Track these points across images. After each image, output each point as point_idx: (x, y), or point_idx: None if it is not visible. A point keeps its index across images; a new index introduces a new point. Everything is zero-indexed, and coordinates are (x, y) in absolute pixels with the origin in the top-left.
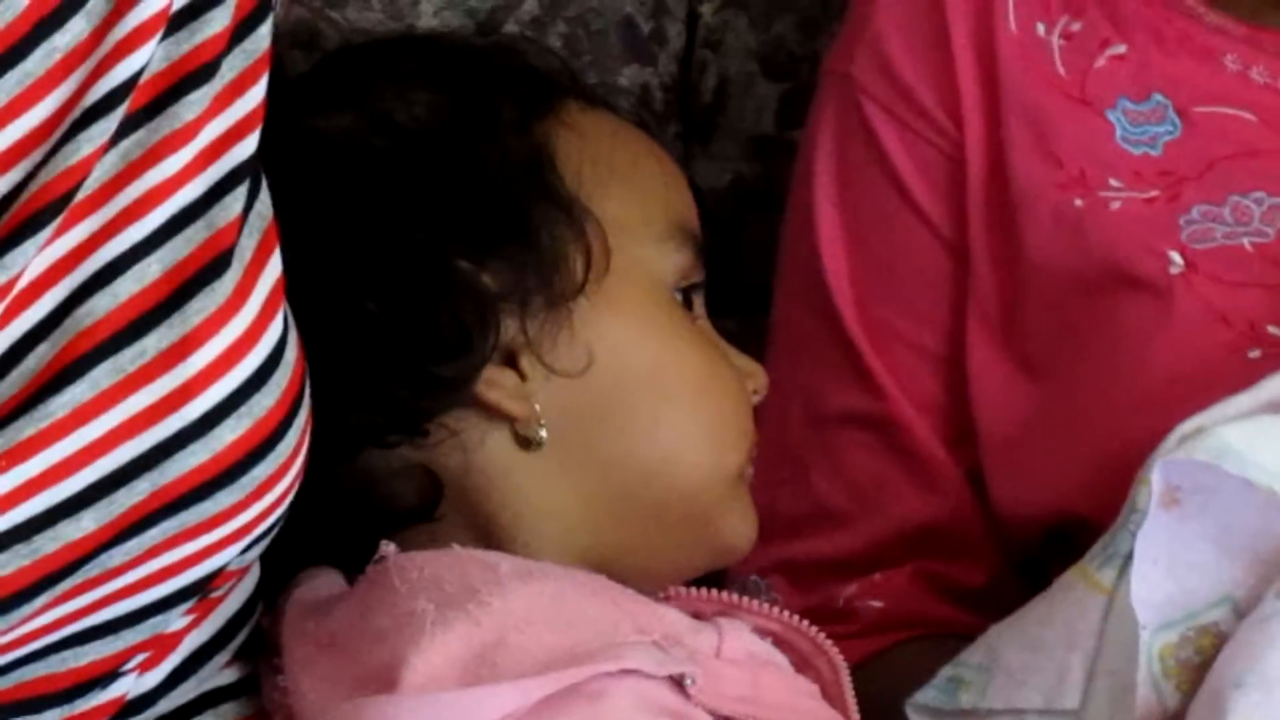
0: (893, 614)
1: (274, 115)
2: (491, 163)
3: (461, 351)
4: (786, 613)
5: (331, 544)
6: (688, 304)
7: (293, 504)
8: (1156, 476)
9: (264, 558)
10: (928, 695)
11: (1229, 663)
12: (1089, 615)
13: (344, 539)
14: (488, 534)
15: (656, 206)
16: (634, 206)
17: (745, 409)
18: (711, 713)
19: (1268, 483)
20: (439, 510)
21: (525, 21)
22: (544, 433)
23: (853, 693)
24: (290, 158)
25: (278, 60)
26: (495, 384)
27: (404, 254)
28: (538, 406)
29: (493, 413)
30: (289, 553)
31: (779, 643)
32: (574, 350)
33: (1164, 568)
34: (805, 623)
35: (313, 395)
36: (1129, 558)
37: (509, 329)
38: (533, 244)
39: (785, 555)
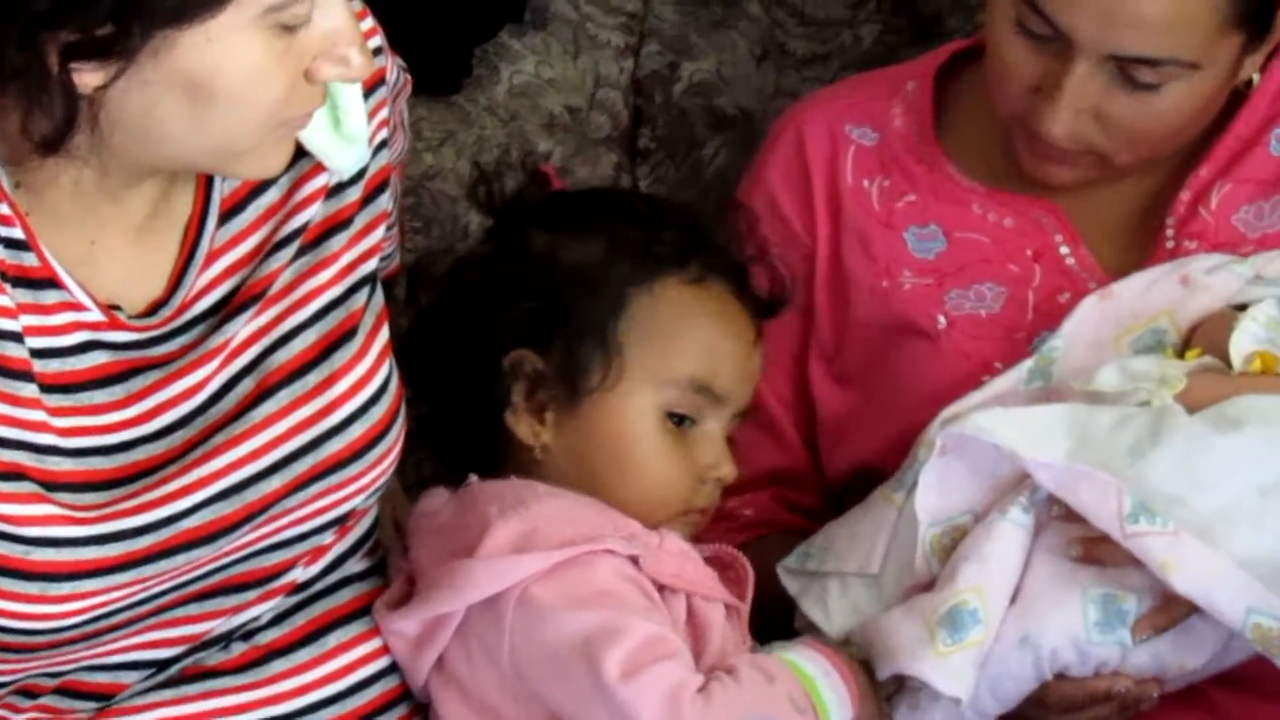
0: (757, 519)
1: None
2: (581, 305)
3: (508, 402)
4: (719, 545)
5: (458, 462)
6: (679, 421)
7: (437, 436)
8: (939, 437)
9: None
10: (789, 561)
11: (963, 547)
12: (888, 519)
13: (466, 458)
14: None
15: (683, 368)
16: (660, 361)
17: (681, 488)
18: (653, 581)
19: (1004, 444)
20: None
21: None
22: (540, 455)
23: (753, 578)
24: (511, 247)
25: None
26: (522, 423)
27: (500, 334)
28: (546, 440)
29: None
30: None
31: (711, 557)
32: (576, 422)
33: (935, 490)
34: (726, 547)
35: (451, 399)
36: (913, 486)
37: (542, 396)
38: (574, 357)
39: None
